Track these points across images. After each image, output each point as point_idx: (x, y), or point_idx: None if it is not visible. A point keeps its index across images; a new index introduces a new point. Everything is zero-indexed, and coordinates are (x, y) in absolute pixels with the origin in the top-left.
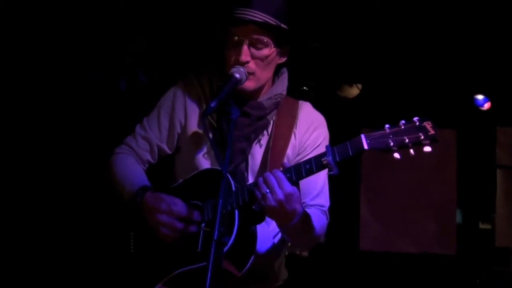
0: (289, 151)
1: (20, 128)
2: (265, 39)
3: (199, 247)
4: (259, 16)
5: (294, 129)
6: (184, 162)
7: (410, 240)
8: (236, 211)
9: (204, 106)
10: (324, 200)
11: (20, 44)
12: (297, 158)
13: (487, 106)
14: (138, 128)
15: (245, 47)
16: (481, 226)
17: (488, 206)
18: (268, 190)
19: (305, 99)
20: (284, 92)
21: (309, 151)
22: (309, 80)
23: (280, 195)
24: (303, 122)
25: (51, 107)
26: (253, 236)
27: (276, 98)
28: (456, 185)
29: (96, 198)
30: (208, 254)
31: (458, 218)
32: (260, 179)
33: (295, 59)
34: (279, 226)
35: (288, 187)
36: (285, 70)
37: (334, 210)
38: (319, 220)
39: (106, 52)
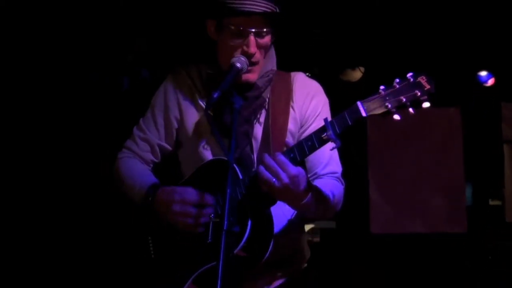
0: (290, 126)
1: (20, 129)
2: (268, 28)
3: (209, 238)
4: (263, 5)
5: (291, 103)
6: (187, 156)
7: (420, 221)
8: (247, 199)
9: (197, 97)
10: (336, 166)
11: (20, 44)
12: (301, 130)
13: (491, 82)
14: (136, 130)
15: (252, 38)
16: (491, 202)
17: (497, 182)
18: (272, 177)
19: None
20: (274, 68)
21: (311, 121)
22: (313, 66)
23: (285, 179)
24: (299, 94)
25: (52, 107)
26: (269, 219)
27: (268, 75)
28: (464, 163)
29: (99, 201)
30: (218, 244)
31: (468, 196)
32: (261, 167)
33: (297, 46)
34: (291, 207)
35: (293, 170)
36: (271, 46)
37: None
38: (335, 188)
39: (107, 51)
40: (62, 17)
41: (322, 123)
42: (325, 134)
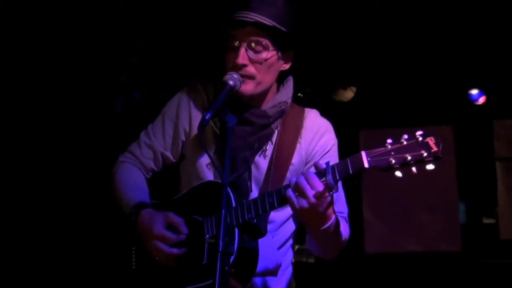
0: (295, 160)
1: (20, 130)
2: (264, 42)
3: (205, 259)
4: (256, 18)
5: (299, 138)
6: (188, 171)
7: (415, 239)
8: (236, 229)
9: None
10: (343, 207)
11: (20, 44)
12: (307, 166)
13: (482, 100)
14: (142, 136)
15: (242, 50)
16: (485, 220)
17: (490, 200)
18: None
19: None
20: (289, 100)
21: (318, 157)
22: (305, 87)
23: (312, 198)
24: (309, 130)
25: (51, 108)
26: (255, 251)
27: (281, 106)
28: (457, 181)
29: (93, 204)
30: (214, 266)
31: (462, 214)
32: (293, 179)
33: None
34: (313, 230)
35: (320, 187)
36: (290, 78)
37: None
38: (344, 226)
39: (107, 52)
40: (62, 17)
41: (328, 162)
42: (324, 178)
